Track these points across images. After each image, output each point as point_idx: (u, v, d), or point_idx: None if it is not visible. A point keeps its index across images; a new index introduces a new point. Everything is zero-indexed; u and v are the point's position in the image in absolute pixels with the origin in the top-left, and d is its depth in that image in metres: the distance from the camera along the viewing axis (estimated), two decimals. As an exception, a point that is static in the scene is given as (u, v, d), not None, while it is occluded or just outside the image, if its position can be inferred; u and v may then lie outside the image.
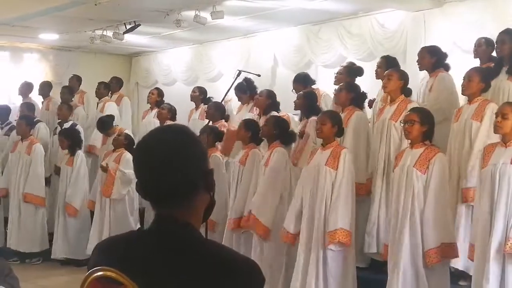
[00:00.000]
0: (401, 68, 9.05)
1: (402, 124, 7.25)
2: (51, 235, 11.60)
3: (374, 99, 9.66)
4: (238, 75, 10.30)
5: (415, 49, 11.35)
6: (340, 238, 7.30)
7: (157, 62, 17.42)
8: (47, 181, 12.02)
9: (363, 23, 12.73)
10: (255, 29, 14.36)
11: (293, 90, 10.35)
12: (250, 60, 14.65)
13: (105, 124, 11.74)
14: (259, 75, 11.12)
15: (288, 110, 10.39)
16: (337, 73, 10.31)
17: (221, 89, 12.08)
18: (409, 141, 7.17)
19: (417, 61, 9.06)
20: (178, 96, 13.93)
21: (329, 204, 7.44)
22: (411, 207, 6.83)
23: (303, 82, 10.57)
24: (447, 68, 8.89)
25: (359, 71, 10.15)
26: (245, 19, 13.37)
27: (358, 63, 11.01)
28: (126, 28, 13.50)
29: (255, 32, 14.60)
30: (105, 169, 10.63)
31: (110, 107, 12.86)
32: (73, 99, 13.36)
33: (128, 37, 14.24)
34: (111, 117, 11.93)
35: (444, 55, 8.96)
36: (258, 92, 10.51)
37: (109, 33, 14.03)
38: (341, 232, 7.31)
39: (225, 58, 15.43)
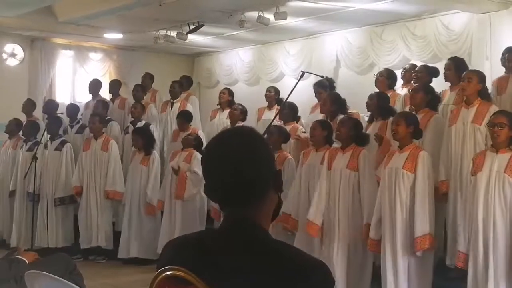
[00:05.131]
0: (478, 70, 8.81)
1: (488, 127, 7.04)
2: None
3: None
4: (302, 76, 10.24)
5: (480, 51, 11.28)
6: (428, 244, 7.22)
7: (219, 62, 17.49)
8: None
9: (427, 25, 12.61)
10: (318, 30, 14.34)
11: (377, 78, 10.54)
12: (312, 61, 14.64)
13: (187, 117, 11.79)
14: (322, 76, 11.04)
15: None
16: (416, 71, 10.20)
17: (282, 90, 12.05)
18: (490, 143, 7.01)
19: (505, 63, 8.86)
20: (240, 96, 13.94)
21: (408, 208, 7.35)
22: (504, 214, 6.68)
23: (391, 80, 10.54)
24: None
25: (435, 72, 10.03)
26: (308, 20, 13.35)
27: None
28: (189, 28, 13.57)
29: (317, 33, 14.58)
30: (176, 172, 10.56)
31: (189, 109, 12.67)
32: (144, 97, 13.36)
33: (191, 37, 14.33)
34: (190, 114, 12.02)
35: None
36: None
37: (173, 33, 14.13)
38: (430, 238, 7.23)
39: (287, 59, 15.45)
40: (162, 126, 13.06)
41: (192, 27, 13.49)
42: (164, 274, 2.28)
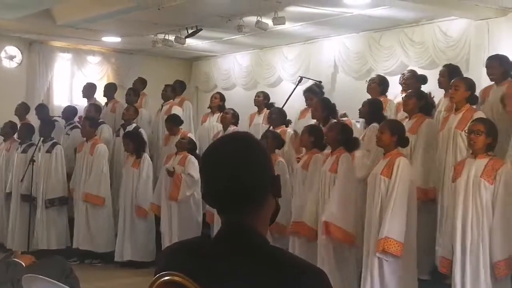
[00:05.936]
0: (466, 77, 8.87)
1: (466, 134, 7.10)
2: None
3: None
4: (300, 81, 10.29)
5: (478, 58, 11.29)
6: (385, 248, 7.20)
7: (217, 67, 17.47)
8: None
9: (426, 31, 12.63)
10: (316, 35, 14.34)
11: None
12: (310, 66, 14.64)
13: (175, 121, 11.77)
14: (320, 82, 11.08)
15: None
16: (405, 78, 10.24)
17: (280, 95, 12.06)
18: (470, 151, 7.07)
19: (488, 72, 8.86)
20: (238, 100, 13.96)
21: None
22: (480, 218, 6.73)
23: (383, 86, 10.51)
24: None
25: (423, 79, 10.09)
26: (306, 25, 13.37)
27: (420, 71, 10.98)
28: (188, 32, 13.58)
29: (315, 38, 14.58)
30: (171, 174, 10.58)
31: (176, 111, 12.61)
32: (138, 101, 13.35)
33: (189, 42, 14.32)
34: (179, 118, 11.99)
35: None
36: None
37: (171, 37, 14.15)
38: (387, 242, 7.20)
39: (285, 64, 15.45)
40: (155, 130, 13.09)
41: (190, 31, 13.51)
42: (162, 279, 2.26)
